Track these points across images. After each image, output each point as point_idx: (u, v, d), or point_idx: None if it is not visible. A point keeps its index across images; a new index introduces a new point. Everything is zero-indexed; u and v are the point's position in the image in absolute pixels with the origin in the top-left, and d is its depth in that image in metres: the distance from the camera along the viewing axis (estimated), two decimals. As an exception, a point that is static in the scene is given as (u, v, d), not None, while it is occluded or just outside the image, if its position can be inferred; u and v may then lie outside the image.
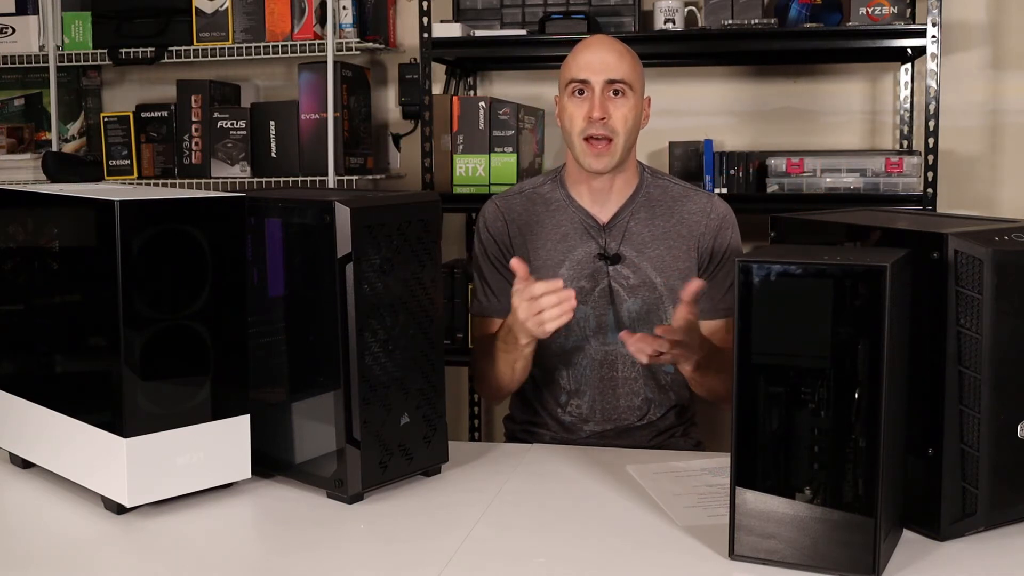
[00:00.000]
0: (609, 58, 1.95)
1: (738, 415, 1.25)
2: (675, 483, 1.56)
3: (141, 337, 1.39)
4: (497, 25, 3.02)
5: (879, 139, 3.08)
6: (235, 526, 1.45)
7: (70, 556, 1.34)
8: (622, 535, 1.38)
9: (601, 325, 1.99)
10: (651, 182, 2.06)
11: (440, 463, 1.61)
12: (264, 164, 3.12)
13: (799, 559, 1.23)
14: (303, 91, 3.06)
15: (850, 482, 1.21)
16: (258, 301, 1.55)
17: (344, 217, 1.43)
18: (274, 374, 1.56)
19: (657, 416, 2.03)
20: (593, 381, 2.01)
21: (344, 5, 3.01)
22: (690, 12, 2.94)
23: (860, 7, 2.70)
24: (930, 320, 1.29)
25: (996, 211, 3.00)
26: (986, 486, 1.31)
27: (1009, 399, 1.31)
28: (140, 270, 1.38)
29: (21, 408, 1.60)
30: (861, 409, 1.19)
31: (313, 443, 1.51)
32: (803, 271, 1.22)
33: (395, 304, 1.50)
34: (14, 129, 3.47)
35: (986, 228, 1.32)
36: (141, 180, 3.19)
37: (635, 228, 2.01)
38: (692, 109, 3.13)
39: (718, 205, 2.05)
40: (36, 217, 1.56)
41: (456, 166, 2.94)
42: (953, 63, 2.97)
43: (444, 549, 1.33)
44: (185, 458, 1.44)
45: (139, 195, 1.42)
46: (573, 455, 1.73)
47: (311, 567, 1.29)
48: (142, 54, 3.12)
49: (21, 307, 1.62)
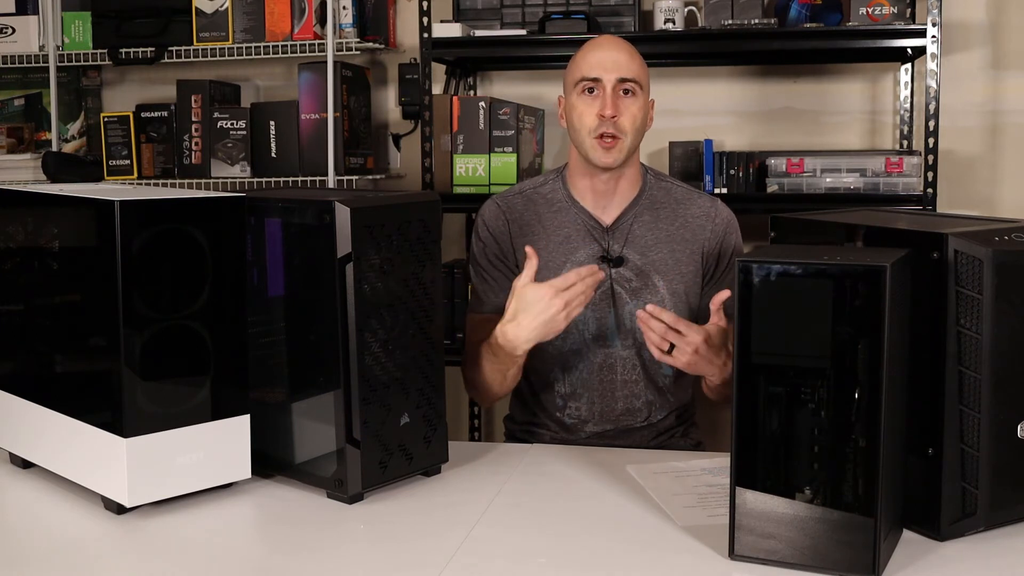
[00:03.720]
0: (620, 57, 1.95)
1: (738, 415, 1.25)
2: (675, 483, 1.56)
3: (141, 337, 1.39)
4: (497, 25, 3.02)
5: (879, 139, 3.08)
6: (235, 526, 1.45)
7: (70, 556, 1.34)
8: (622, 535, 1.38)
9: (601, 328, 1.99)
10: (654, 184, 2.06)
11: (440, 463, 1.61)
12: (264, 164, 3.11)
13: (799, 559, 1.23)
14: (303, 91, 3.06)
15: (850, 482, 1.21)
16: (258, 301, 1.55)
17: (344, 217, 1.43)
18: (274, 374, 1.56)
19: (658, 418, 2.03)
20: (592, 384, 2.00)
21: (344, 5, 3.00)
22: (690, 12, 2.94)
23: (860, 7, 2.70)
24: (930, 320, 1.29)
25: (996, 211, 3.00)
26: (986, 486, 1.31)
27: (1009, 399, 1.31)
28: (140, 270, 1.38)
29: (21, 408, 1.60)
30: (861, 409, 1.19)
31: (313, 443, 1.51)
32: (803, 271, 1.22)
33: (395, 304, 1.50)
34: (14, 129, 3.47)
35: (986, 228, 1.32)
36: (141, 180, 3.18)
37: (638, 231, 2.01)
38: (692, 109, 3.13)
39: (722, 209, 2.05)
40: (36, 217, 1.56)
41: (456, 166, 2.94)
42: (953, 63, 2.97)
43: (444, 549, 1.33)
44: (185, 458, 1.44)
45: (139, 195, 1.42)
46: (573, 455, 1.73)
47: (311, 567, 1.29)
48: (142, 54, 3.12)
49: (21, 307, 1.62)
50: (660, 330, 1.73)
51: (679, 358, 1.75)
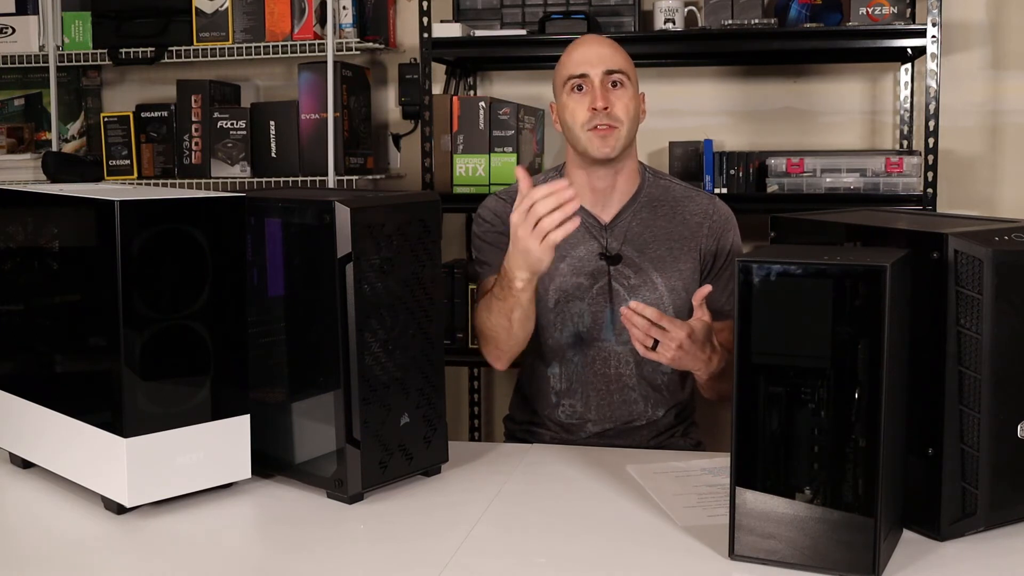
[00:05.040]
0: (604, 51, 1.97)
1: (738, 415, 1.25)
2: (675, 483, 1.56)
3: (141, 337, 1.39)
4: (497, 25, 3.02)
5: (879, 139, 3.08)
6: (235, 526, 1.45)
7: (70, 556, 1.34)
8: (622, 535, 1.38)
9: (598, 324, 1.99)
10: (652, 182, 2.06)
11: (440, 463, 1.61)
12: (264, 164, 3.11)
13: (799, 559, 1.23)
14: (303, 91, 3.06)
15: (850, 482, 1.21)
16: (258, 301, 1.55)
17: (344, 217, 1.43)
18: (274, 374, 1.56)
19: (656, 416, 2.03)
20: (588, 380, 2.00)
21: (344, 5, 3.00)
22: (690, 12, 2.94)
23: (860, 7, 2.70)
24: (930, 320, 1.29)
25: (996, 211, 3.00)
26: (986, 486, 1.31)
27: (1009, 399, 1.31)
28: (140, 270, 1.38)
29: (21, 408, 1.60)
30: (861, 409, 1.19)
31: (313, 443, 1.51)
32: (803, 271, 1.22)
33: (395, 304, 1.50)
34: (14, 129, 3.47)
35: (986, 228, 1.32)
36: (141, 180, 3.18)
37: (637, 228, 2.01)
38: (692, 109, 3.13)
39: (720, 207, 2.05)
40: (36, 217, 1.56)
41: (456, 166, 2.94)
42: (953, 63, 2.97)
43: (444, 549, 1.33)
44: (185, 458, 1.44)
45: (139, 195, 1.42)
46: (573, 455, 1.73)
47: (311, 567, 1.29)
48: (142, 54, 3.12)
49: (21, 307, 1.62)
50: (643, 326, 1.72)
51: (663, 353, 1.75)
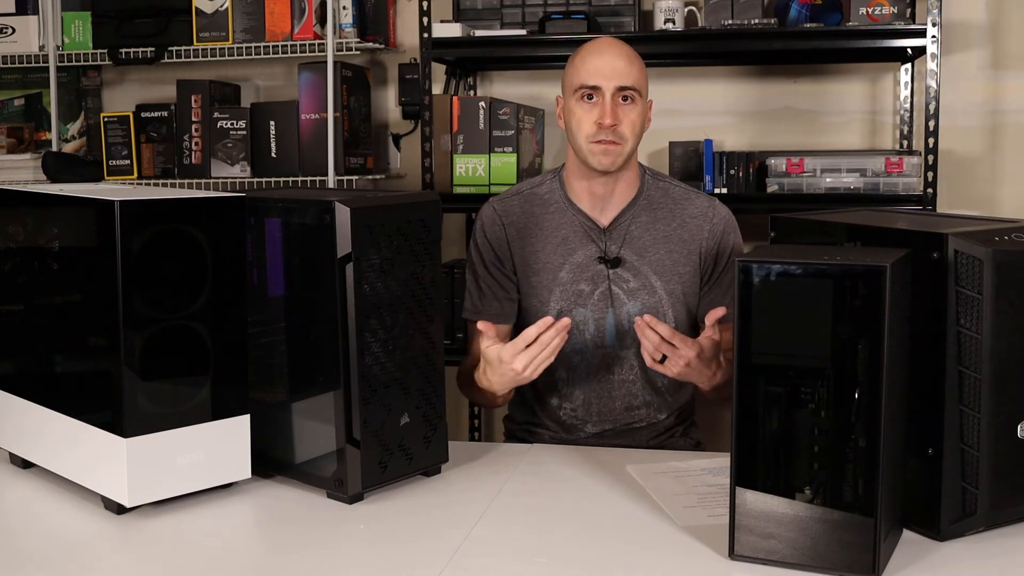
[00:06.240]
0: (619, 64, 1.93)
1: (738, 415, 1.25)
2: (675, 483, 1.56)
3: (141, 337, 1.39)
4: (497, 25, 3.02)
5: (879, 139, 3.08)
6: (235, 526, 1.45)
7: (70, 556, 1.34)
8: (622, 535, 1.38)
9: (599, 328, 1.99)
10: (652, 184, 2.05)
11: (440, 463, 1.61)
12: (264, 164, 3.11)
13: (799, 559, 1.23)
14: (303, 91, 3.06)
15: (850, 482, 1.21)
16: (258, 301, 1.55)
17: (344, 217, 1.43)
18: (274, 374, 1.56)
19: (657, 418, 2.03)
20: (590, 384, 2.00)
21: (344, 5, 3.00)
22: (690, 12, 2.94)
23: (860, 7, 2.70)
24: (930, 320, 1.29)
25: (996, 211, 3.00)
26: (986, 486, 1.31)
27: (1009, 399, 1.31)
28: (140, 270, 1.38)
29: (21, 408, 1.60)
30: (861, 409, 1.19)
31: (313, 443, 1.51)
32: (803, 271, 1.22)
33: (395, 304, 1.50)
34: (14, 129, 3.47)
35: (986, 228, 1.32)
36: (141, 180, 3.18)
37: (636, 231, 2.01)
38: (692, 109, 3.13)
39: (720, 209, 2.05)
40: (36, 217, 1.56)
41: (456, 166, 2.94)
42: (953, 63, 2.97)
43: (444, 549, 1.33)
44: (185, 458, 1.44)
45: (139, 195, 1.42)
46: (573, 455, 1.73)
47: (311, 567, 1.29)
48: (142, 54, 3.12)
49: (21, 307, 1.62)
50: (655, 341, 1.73)
51: (670, 368, 1.76)
